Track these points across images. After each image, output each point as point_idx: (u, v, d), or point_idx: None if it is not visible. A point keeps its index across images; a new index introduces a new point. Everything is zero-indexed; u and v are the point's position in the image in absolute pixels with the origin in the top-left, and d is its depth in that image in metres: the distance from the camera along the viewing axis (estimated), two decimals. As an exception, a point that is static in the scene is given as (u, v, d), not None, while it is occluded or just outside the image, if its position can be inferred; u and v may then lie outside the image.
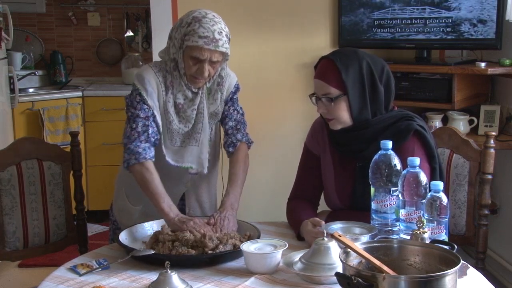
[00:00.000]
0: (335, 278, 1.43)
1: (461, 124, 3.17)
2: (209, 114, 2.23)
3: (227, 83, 2.25)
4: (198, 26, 2.06)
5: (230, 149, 2.29)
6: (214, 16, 2.12)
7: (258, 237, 1.95)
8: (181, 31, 2.10)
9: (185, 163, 2.21)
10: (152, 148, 2.13)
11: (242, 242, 1.91)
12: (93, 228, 4.47)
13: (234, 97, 2.30)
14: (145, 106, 2.13)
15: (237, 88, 2.30)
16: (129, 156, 2.10)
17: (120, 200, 2.35)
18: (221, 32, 2.08)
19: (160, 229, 2.00)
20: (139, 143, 2.11)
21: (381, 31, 3.34)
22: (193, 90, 2.17)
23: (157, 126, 2.15)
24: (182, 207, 2.33)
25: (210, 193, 2.39)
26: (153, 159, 2.12)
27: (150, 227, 2.08)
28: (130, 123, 2.14)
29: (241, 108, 2.33)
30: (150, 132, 2.12)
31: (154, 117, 2.14)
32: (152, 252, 1.83)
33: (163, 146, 2.19)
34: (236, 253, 1.86)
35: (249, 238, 1.95)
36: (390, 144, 1.84)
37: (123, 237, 1.98)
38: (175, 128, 2.18)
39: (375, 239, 1.77)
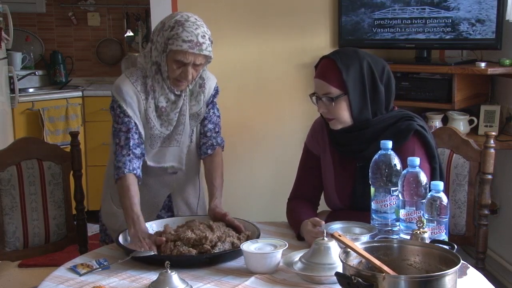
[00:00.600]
0: (335, 278, 1.43)
1: (461, 124, 3.17)
2: (191, 115, 2.24)
3: (208, 85, 2.27)
4: (182, 30, 2.06)
5: (209, 151, 2.31)
6: (196, 19, 2.12)
7: (258, 236, 1.95)
8: (164, 34, 2.09)
9: (166, 163, 2.25)
10: (135, 160, 2.13)
11: (241, 240, 1.91)
12: (93, 228, 4.44)
13: (214, 100, 2.32)
14: (126, 119, 2.15)
15: (216, 91, 2.32)
16: (114, 171, 2.13)
17: (106, 202, 2.37)
18: (204, 36, 2.08)
19: (160, 229, 2.00)
20: (121, 157, 2.12)
21: (381, 31, 3.34)
22: (176, 92, 2.17)
23: (140, 136, 2.17)
24: (169, 204, 2.37)
25: (196, 193, 2.41)
26: (136, 171, 2.11)
27: (150, 227, 2.08)
28: (114, 138, 2.17)
29: (218, 110, 2.35)
30: (131, 144, 2.13)
31: (137, 127, 2.15)
32: (152, 253, 1.83)
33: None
34: (236, 252, 1.86)
35: (248, 237, 1.95)
36: (390, 144, 1.84)
37: (122, 238, 1.98)
38: (157, 133, 2.20)
39: (375, 239, 1.77)
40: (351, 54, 2.05)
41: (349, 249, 1.51)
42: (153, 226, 2.08)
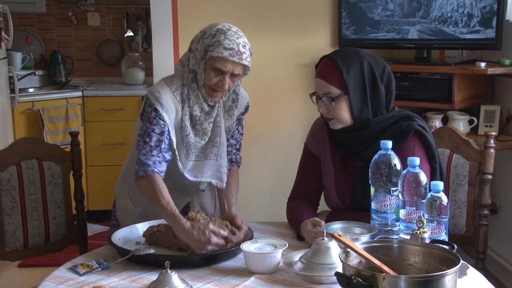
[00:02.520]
0: (335, 278, 1.43)
1: (461, 124, 3.17)
2: (226, 128, 2.23)
3: (240, 102, 2.25)
4: (224, 38, 2.05)
5: (227, 166, 2.27)
6: (237, 30, 2.11)
7: (251, 238, 1.94)
8: (205, 42, 2.07)
9: (204, 177, 2.18)
10: (164, 163, 2.09)
11: (233, 233, 1.93)
12: (93, 228, 4.47)
13: (242, 117, 2.30)
14: (161, 122, 2.08)
15: (246, 109, 2.30)
16: (139, 167, 2.07)
17: (123, 199, 2.34)
18: (245, 46, 2.08)
19: (152, 224, 2.02)
20: (151, 156, 2.07)
21: (381, 31, 3.34)
22: (210, 103, 2.15)
23: (170, 142, 2.11)
24: (186, 210, 2.32)
25: (213, 200, 2.39)
26: (162, 174, 2.07)
27: (144, 227, 2.07)
28: (144, 137, 2.09)
29: (242, 128, 2.33)
30: (162, 147, 2.08)
31: (169, 133, 2.10)
32: (152, 251, 1.83)
33: (179, 163, 2.15)
34: (235, 251, 1.87)
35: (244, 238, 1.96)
36: (390, 144, 1.84)
37: (116, 238, 1.97)
38: (192, 141, 2.15)
39: (375, 239, 1.77)
40: (352, 54, 2.05)
41: (349, 249, 1.51)
42: (147, 227, 2.07)
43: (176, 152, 2.14)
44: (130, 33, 5.24)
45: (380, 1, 3.33)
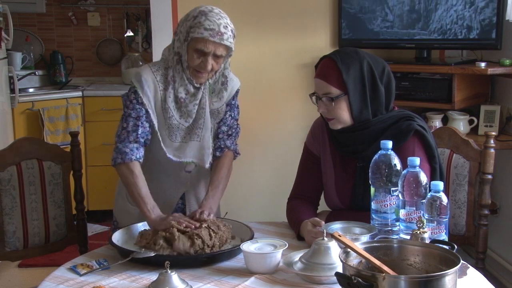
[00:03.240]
0: (335, 278, 1.43)
1: (461, 124, 3.17)
2: (211, 111, 2.23)
3: (231, 86, 2.26)
4: (204, 19, 2.08)
5: (217, 153, 2.29)
6: (220, 11, 2.14)
7: (251, 238, 1.94)
8: (187, 24, 2.11)
9: (186, 158, 2.22)
10: (141, 149, 2.15)
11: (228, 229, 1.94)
12: (93, 228, 4.47)
13: (233, 103, 2.30)
14: (138, 106, 2.14)
15: (237, 94, 2.31)
16: (116, 155, 2.15)
17: (121, 200, 2.35)
18: (226, 27, 2.10)
19: (146, 229, 2.02)
20: (128, 143, 2.14)
21: (381, 31, 3.34)
22: (195, 85, 2.17)
23: (151, 125, 2.17)
24: (182, 207, 2.33)
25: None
26: (140, 160, 2.14)
27: (144, 227, 2.07)
28: (122, 122, 2.17)
29: (238, 113, 2.33)
30: (139, 132, 2.14)
31: (148, 116, 2.15)
32: (153, 254, 1.83)
33: (162, 144, 2.19)
34: (235, 251, 1.87)
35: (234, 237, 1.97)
36: (390, 144, 1.84)
37: (116, 238, 1.97)
38: (175, 123, 2.18)
39: (375, 239, 1.77)
40: (352, 54, 2.05)
41: (349, 249, 1.51)
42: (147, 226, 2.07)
43: (159, 134, 2.18)
44: (130, 33, 5.24)
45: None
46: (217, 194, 2.21)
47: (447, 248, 1.55)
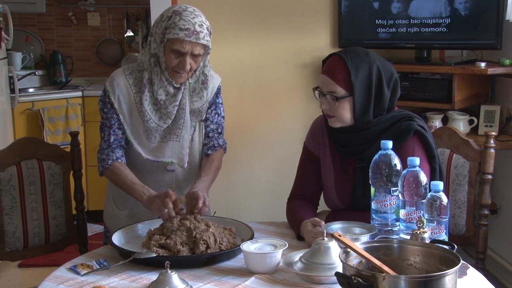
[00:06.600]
0: (335, 278, 1.43)
1: (461, 124, 3.17)
2: (192, 111, 2.24)
3: (211, 84, 2.26)
4: (179, 19, 2.07)
5: (209, 152, 2.31)
6: (194, 9, 2.14)
7: (251, 238, 1.94)
8: (162, 25, 2.11)
9: (165, 158, 2.24)
10: (118, 150, 2.21)
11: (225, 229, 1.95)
12: (93, 228, 4.47)
13: (217, 100, 2.31)
14: (110, 111, 2.19)
15: (219, 91, 2.32)
16: (99, 165, 2.21)
17: (109, 205, 2.38)
18: (201, 25, 2.09)
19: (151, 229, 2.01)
20: (104, 150, 2.21)
21: (381, 31, 3.34)
22: (175, 85, 2.17)
23: (124, 132, 2.21)
24: None
25: None
26: (120, 160, 2.19)
27: (144, 228, 2.07)
28: (100, 132, 2.24)
29: (223, 111, 2.35)
30: (111, 140, 2.20)
31: (120, 123, 2.20)
32: (154, 255, 1.83)
33: (138, 146, 2.22)
34: (235, 251, 1.87)
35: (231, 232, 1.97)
36: (390, 144, 1.84)
37: (116, 238, 1.97)
38: (153, 126, 2.19)
39: (375, 239, 1.77)
40: (362, 56, 2.02)
41: (349, 249, 1.51)
42: (147, 227, 2.07)
43: (133, 138, 2.21)
44: (130, 33, 5.25)
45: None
46: (208, 181, 2.22)
47: (447, 248, 1.55)
